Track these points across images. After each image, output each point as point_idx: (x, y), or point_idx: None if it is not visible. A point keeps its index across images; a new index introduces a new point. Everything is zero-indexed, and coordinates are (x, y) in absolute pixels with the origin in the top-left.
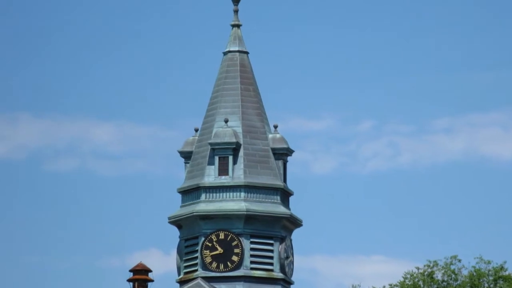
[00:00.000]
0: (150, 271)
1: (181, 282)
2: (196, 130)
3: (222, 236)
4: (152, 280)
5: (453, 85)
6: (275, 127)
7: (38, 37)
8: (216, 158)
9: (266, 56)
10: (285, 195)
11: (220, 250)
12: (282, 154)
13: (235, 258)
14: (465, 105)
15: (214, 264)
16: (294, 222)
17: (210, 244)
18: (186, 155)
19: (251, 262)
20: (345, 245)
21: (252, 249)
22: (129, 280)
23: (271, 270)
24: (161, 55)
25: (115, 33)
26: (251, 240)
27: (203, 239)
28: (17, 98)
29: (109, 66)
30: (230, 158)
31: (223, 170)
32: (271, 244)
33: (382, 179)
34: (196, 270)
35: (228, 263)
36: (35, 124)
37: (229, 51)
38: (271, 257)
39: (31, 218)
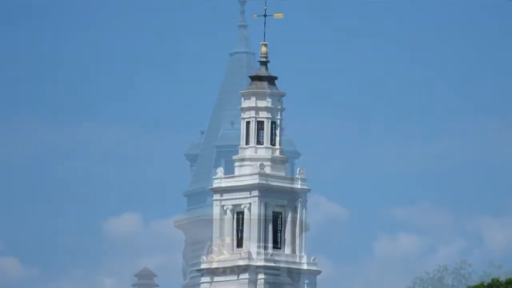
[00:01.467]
0: (155, 275)
1: (187, 286)
2: (202, 133)
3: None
4: (157, 285)
5: (465, 88)
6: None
7: (43, 40)
8: (223, 161)
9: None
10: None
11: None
12: (290, 156)
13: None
14: (478, 108)
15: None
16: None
17: (216, 248)
18: (192, 158)
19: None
20: (353, 250)
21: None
22: (134, 285)
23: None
24: (166, 56)
25: (119, 34)
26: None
27: (209, 243)
28: (23, 102)
29: (113, 69)
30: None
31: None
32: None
33: (392, 182)
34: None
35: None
36: (41, 127)
37: (236, 52)
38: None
39: (36, 220)
